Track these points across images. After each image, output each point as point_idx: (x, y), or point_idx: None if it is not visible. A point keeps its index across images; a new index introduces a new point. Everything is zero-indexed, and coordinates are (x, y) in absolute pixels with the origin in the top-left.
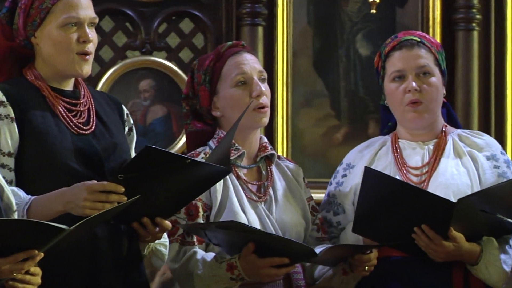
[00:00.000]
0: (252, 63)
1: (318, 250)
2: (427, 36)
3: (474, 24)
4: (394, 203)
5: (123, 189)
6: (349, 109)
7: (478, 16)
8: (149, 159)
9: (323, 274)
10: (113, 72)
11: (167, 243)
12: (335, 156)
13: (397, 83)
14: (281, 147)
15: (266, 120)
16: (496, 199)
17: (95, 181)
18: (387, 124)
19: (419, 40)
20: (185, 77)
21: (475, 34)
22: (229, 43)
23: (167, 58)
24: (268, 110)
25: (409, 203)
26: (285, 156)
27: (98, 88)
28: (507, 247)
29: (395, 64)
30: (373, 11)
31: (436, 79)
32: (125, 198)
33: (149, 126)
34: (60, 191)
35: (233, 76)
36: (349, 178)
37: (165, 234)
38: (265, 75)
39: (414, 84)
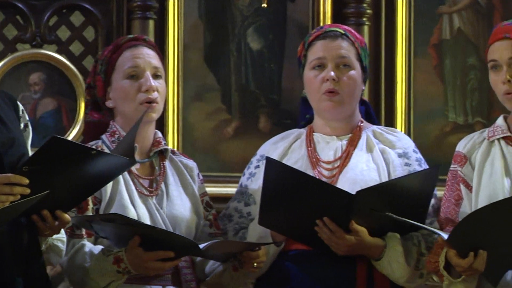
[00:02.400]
0: (148, 57)
1: (202, 245)
2: (352, 31)
3: (364, 19)
4: (296, 194)
5: (27, 181)
6: (240, 103)
7: (368, 11)
8: (55, 150)
9: (213, 269)
10: (3, 65)
11: (65, 239)
12: (225, 150)
13: (317, 71)
14: (172, 141)
15: (154, 115)
16: (395, 194)
17: None
18: (304, 117)
19: (343, 32)
20: (76, 70)
21: (366, 28)
22: (131, 36)
23: (57, 51)
24: (157, 105)
25: (311, 195)
26: (176, 150)
27: None
28: (411, 244)
29: (316, 53)
30: (264, 5)
31: (356, 72)
32: (29, 190)
33: (39, 120)
34: None
35: (125, 68)
36: (261, 170)
37: (62, 230)
38: (162, 71)
39: (332, 73)
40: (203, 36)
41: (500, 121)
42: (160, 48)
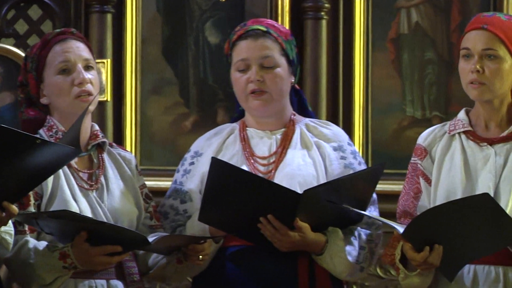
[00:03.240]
0: (77, 51)
1: (151, 238)
2: (275, 25)
3: (322, 13)
4: (241, 193)
5: None
6: (198, 97)
7: (326, 5)
8: None
9: (157, 262)
10: None
11: (13, 232)
12: (184, 144)
13: (241, 72)
14: (130, 135)
15: (91, 107)
16: (341, 191)
17: None
18: (238, 108)
19: (265, 30)
20: None
21: (324, 22)
22: (57, 30)
23: (15, 45)
24: (92, 97)
25: (256, 194)
26: (134, 144)
27: None
28: (352, 238)
29: (239, 54)
30: None
31: (281, 69)
32: None
33: None
34: None
35: (56, 63)
36: (196, 166)
37: (10, 223)
38: (93, 62)
39: (257, 75)
40: (161, 30)
41: (461, 114)
42: (118, 42)
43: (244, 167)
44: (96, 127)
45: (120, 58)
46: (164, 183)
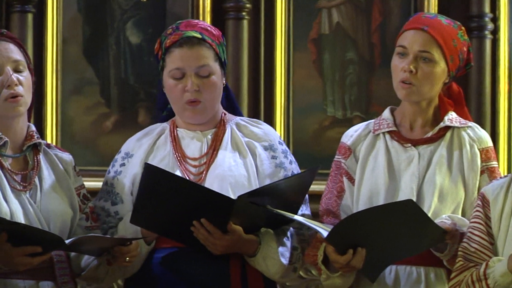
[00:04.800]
0: (6, 52)
1: (69, 240)
2: (208, 29)
3: (244, 13)
4: (174, 198)
5: None
6: (119, 97)
7: (248, 5)
8: None
9: (89, 263)
10: None
11: None
12: (105, 144)
13: (177, 80)
14: (51, 135)
15: (22, 108)
16: (274, 195)
17: None
18: (166, 107)
19: (200, 37)
20: None
21: (245, 23)
22: None
23: None
24: (22, 98)
25: (190, 199)
26: (54, 144)
27: None
28: (285, 239)
29: (174, 62)
30: None
31: (216, 76)
32: None
33: None
34: None
35: None
36: (127, 168)
37: None
38: (24, 63)
39: (193, 84)
40: (82, 30)
41: (386, 113)
42: (39, 41)
43: (177, 171)
44: (33, 127)
45: (41, 58)
46: (86, 183)
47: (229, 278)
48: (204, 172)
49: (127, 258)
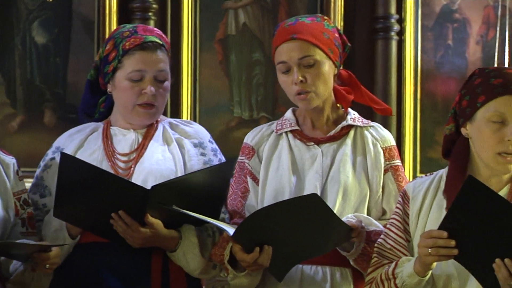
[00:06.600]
0: None
1: None
2: (163, 36)
3: (150, 14)
4: (91, 189)
5: None
6: (25, 97)
7: (154, 6)
8: None
9: (17, 268)
10: None
11: None
12: (11, 145)
13: (133, 82)
14: None
15: None
16: (191, 188)
17: None
18: (91, 108)
19: (161, 43)
20: None
21: (151, 23)
22: None
23: None
24: None
25: (106, 189)
26: None
27: None
28: (206, 235)
29: (135, 64)
30: None
31: (168, 82)
32: None
33: None
34: None
35: None
36: (57, 161)
37: None
38: None
39: (152, 88)
40: None
41: (289, 114)
42: None
43: (104, 164)
44: None
45: None
46: (28, 184)
47: (150, 273)
48: (132, 167)
49: (47, 265)
